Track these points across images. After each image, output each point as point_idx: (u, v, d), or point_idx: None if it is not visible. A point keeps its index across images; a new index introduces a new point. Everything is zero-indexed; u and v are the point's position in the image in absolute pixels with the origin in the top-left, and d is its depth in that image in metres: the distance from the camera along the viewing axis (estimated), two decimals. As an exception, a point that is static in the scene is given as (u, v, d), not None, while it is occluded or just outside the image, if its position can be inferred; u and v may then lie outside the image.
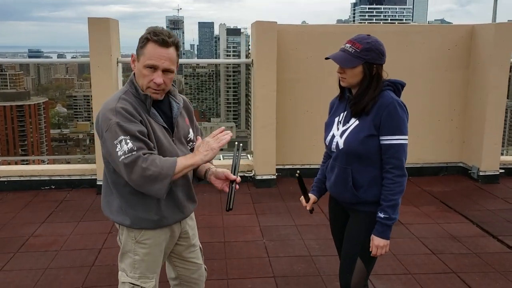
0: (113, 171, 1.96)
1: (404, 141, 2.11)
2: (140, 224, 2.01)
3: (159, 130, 1.96)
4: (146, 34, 1.90)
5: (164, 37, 1.88)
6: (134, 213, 1.99)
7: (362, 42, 2.09)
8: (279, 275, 3.41)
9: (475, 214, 4.60)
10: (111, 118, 1.84)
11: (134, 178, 1.81)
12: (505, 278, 3.38)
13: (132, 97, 1.94)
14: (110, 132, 1.83)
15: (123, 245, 2.07)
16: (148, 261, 2.06)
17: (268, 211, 4.71)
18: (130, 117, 1.86)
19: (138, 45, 1.94)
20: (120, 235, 2.10)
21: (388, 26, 6.54)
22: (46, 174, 5.35)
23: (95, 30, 4.98)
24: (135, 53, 1.96)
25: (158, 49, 1.88)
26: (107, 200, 2.05)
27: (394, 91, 2.19)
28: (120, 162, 1.81)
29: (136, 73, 1.96)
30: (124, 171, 1.83)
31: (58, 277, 3.37)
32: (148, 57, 1.89)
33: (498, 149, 5.60)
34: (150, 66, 1.89)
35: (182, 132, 2.09)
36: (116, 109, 1.86)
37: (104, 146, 1.89)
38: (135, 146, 1.81)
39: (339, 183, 2.24)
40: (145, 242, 2.04)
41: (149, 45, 1.89)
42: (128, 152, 1.80)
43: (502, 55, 5.40)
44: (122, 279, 2.08)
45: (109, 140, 1.83)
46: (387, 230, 2.14)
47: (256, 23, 5.34)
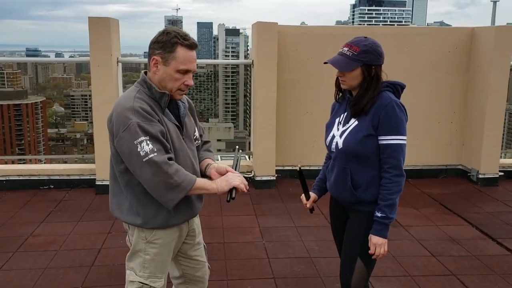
0: (124, 171, 1.95)
1: (402, 141, 2.12)
2: (152, 223, 2.00)
3: (172, 128, 1.98)
4: (173, 38, 1.89)
5: (192, 40, 1.93)
6: (146, 213, 1.98)
7: (359, 44, 2.11)
8: (278, 276, 3.41)
9: (474, 217, 4.60)
10: (131, 117, 1.83)
11: (154, 180, 1.83)
12: (504, 280, 3.39)
13: (146, 96, 1.94)
14: (129, 132, 1.82)
15: (133, 245, 2.07)
16: (158, 261, 2.07)
17: (267, 212, 4.70)
18: (149, 117, 1.87)
19: (162, 48, 1.91)
20: (130, 235, 2.09)
21: (388, 28, 6.56)
22: (45, 173, 5.34)
23: (95, 30, 4.97)
24: (157, 56, 1.92)
25: (189, 52, 1.92)
26: (117, 201, 2.04)
27: (394, 92, 2.21)
28: (144, 162, 1.81)
29: (162, 77, 1.94)
30: (146, 171, 1.83)
31: (57, 276, 3.36)
32: (181, 61, 1.90)
33: (497, 151, 5.61)
34: (185, 70, 1.92)
35: (190, 130, 2.12)
36: (135, 109, 1.86)
37: (119, 145, 1.88)
38: (155, 147, 1.83)
39: (339, 183, 2.26)
40: (156, 242, 2.04)
41: (179, 49, 1.90)
42: (151, 153, 1.81)
43: (502, 58, 5.41)
44: (131, 278, 2.07)
45: (128, 139, 1.83)
46: (384, 229, 2.15)
47: (256, 23, 5.34)
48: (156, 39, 1.93)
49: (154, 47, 1.93)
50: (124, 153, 1.88)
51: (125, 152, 1.87)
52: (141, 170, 1.85)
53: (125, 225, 2.11)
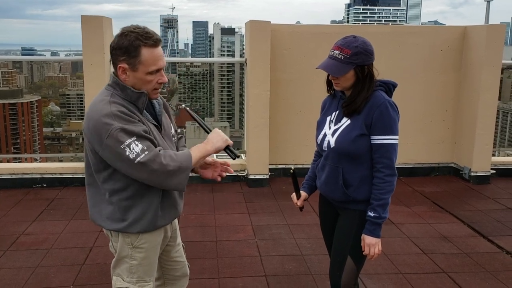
0: (107, 178, 1.91)
1: (394, 141, 2.12)
2: (138, 227, 1.96)
3: (153, 128, 1.94)
4: (135, 40, 1.80)
5: (155, 37, 1.83)
6: (131, 217, 1.94)
7: (350, 46, 2.08)
8: (270, 274, 3.42)
9: (466, 215, 4.63)
10: (112, 123, 1.77)
11: (154, 175, 1.81)
12: (495, 277, 3.41)
13: (120, 99, 1.87)
14: (114, 138, 1.77)
15: (118, 252, 2.03)
16: (145, 265, 2.04)
17: (260, 211, 4.71)
18: (130, 118, 1.82)
19: (125, 54, 1.82)
20: (113, 242, 2.04)
21: (381, 27, 6.59)
22: (38, 172, 5.32)
23: (88, 28, 4.97)
24: (123, 63, 1.83)
25: (155, 51, 1.84)
26: (99, 210, 1.99)
27: (386, 91, 2.20)
28: (137, 164, 1.77)
29: (134, 82, 1.87)
30: (142, 171, 1.80)
31: (49, 275, 3.35)
32: (150, 63, 1.83)
33: (489, 150, 5.64)
34: (156, 71, 1.86)
35: (167, 128, 2.09)
36: (114, 113, 1.79)
37: (106, 154, 1.82)
38: (145, 145, 1.79)
39: (330, 182, 2.25)
40: (142, 246, 2.01)
41: (144, 51, 1.81)
42: (142, 152, 1.77)
43: (493, 56, 5.44)
44: (118, 285, 2.04)
45: (114, 146, 1.77)
46: (377, 229, 2.15)
47: (250, 22, 5.34)
48: (117, 44, 1.82)
49: (117, 54, 1.83)
50: (113, 161, 1.83)
51: (114, 159, 1.82)
52: (137, 172, 1.81)
53: (106, 232, 2.05)
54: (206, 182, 5.39)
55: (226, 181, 5.53)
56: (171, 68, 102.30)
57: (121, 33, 1.83)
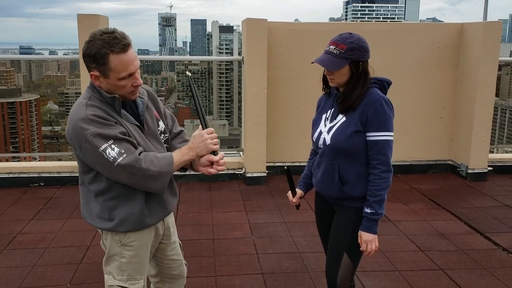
0: (92, 179, 1.92)
1: (390, 137, 2.13)
2: (125, 226, 1.96)
3: (133, 129, 1.92)
4: (101, 49, 1.75)
5: (122, 42, 1.78)
6: (118, 217, 1.94)
7: (345, 42, 2.10)
8: (267, 272, 3.43)
9: (463, 212, 4.64)
10: (87, 128, 1.76)
11: (133, 179, 1.82)
12: (491, 274, 3.42)
13: (98, 101, 1.85)
14: (90, 143, 1.76)
15: (108, 249, 2.04)
16: (135, 263, 2.04)
17: (257, 209, 4.72)
18: (106, 122, 1.80)
19: (95, 62, 1.78)
20: (103, 239, 2.06)
21: (378, 25, 6.58)
22: (35, 171, 5.32)
23: (84, 27, 4.96)
24: (94, 71, 1.81)
25: (123, 57, 1.79)
26: (88, 208, 2.01)
27: (381, 88, 2.21)
28: (116, 166, 1.77)
29: (108, 87, 1.84)
30: (121, 173, 1.80)
31: (46, 274, 3.36)
32: (120, 69, 1.79)
33: (486, 147, 5.64)
34: (127, 76, 1.82)
35: (153, 127, 2.04)
36: (89, 118, 1.78)
37: (85, 158, 1.83)
38: (122, 148, 1.79)
39: (326, 179, 2.26)
40: (131, 244, 2.01)
41: (112, 58, 1.76)
42: (119, 156, 1.77)
43: (490, 53, 5.44)
44: (110, 283, 2.05)
45: (92, 150, 1.77)
46: (374, 225, 2.16)
47: (246, 20, 5.34)
48: (85, 52, 1.79)
49: (88, 61, 1.80)
50: (93, 164, 1.84)
51: (93, 163, 1.83)
52: (117, 175, 1.82)
53: (98, 230, 2.08)
54: (204, 181, 5.39)
55: (224, 179, 5.54)
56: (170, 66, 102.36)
57: (89, 40, 1.79)
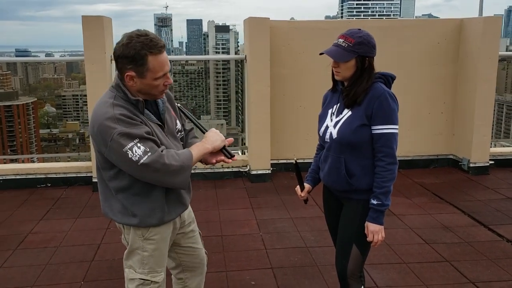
0: (114, 177, 1.99)
1: (395, 130, 2.19)
2: (147, 222, 2.04)
3: (156, 128, 2.00)
4: (141, 50, 1.84)
5: (159, 44, 1.88)
6: (140, 213, 2.02)
7: (354, 36, 2.18)
8: (276, 266, 3.48)
9: (466, 205, 4.69)
10: (115, 127, 1.84)
11: (157, 175, 1.89)
12: (496, 265, 3.48)
13: (123, 101, 1.93)
14: (117, 142, 1.83)
15: (130, 244, 2.10)
16: (156, 256, 2.11)
17: (263, 205, 4.77)
18: (132, 121, 1.88)
19: (132, 63, 1.86)
20: (125, 234, 2.12)
21: (378, 21, 6.64)
22: (42, 172, 5.36)
23: (89, 28, 5.00)
24: (130, 72, 1.87)
25: (159, 58, 1.89)
26: (109, 204, 2.07)
27: (385, 83, 2.27)
28: (140, 165, 1.84)
29: (141, 87, 1.93)
30: (146, 172, 1.87)
31: (59, 272, 3.41)
32: (157, 70, 1.89)
33: (487, 140, 5.70)
34: (163, 75, 1.92)
35: (171, 125, 2.14)
36: (116, 117, 1.85)
37: (110, 156, 1.89)
38: (147, 147, 1.86)
39: (333, 172, 2.32)
40: (153, 238, 2.08)
41: (150, 59, 1.86)
42: (144, 154, 1.84)
43: (490, 48, 5.50)
44: (131, 276, 2.11)
45: (118, 148, 1.84)
46: (380, 216, 2.22)
47: (249, 19, 5.39)
48: (123, 53, 1.86)
49: (124, 62, 1.87)
50: (117, 162, 1.90)
51: (118, 161, 1.89)
52: (140, 174, 1.89)
53: (118, 225, 2.13)
54: (209, 179, 5.44)
55: (229, 177, 5.59)
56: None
57: (127, 42, 1.85)
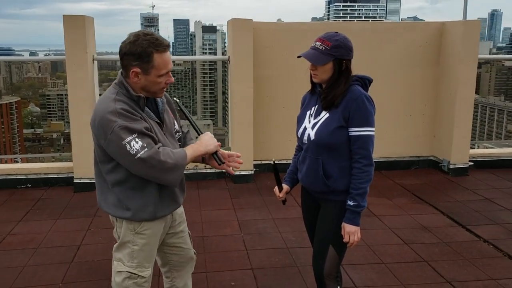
0: (111, 170, 2.05)
1: (371, 132, 2.22)
2: (139, 216, 2.10)
3: (154, 126, 2.08)
4: (147, 48, 1.94)
5: (164, 43, 1.99)
6: (133, 207, 2.08)
7: (331, 39, 2.20)
8: (257, 267, 3.50)
9: (445, 206, 4.76)
10: (115, 120, 1.91)
11: (152, 170, 1.96)
12: (472, 265, 3.54)
13: (124, 98, 2.01)
14: (116, 134, 1.91)
15: (122, 237, 2.15)
16: (145, 251, 2.17)
17: (246, 206, 4.78)
18: (133, 116, 1.96)
19: (138, 60, 1.96)
20: (117, 228, 2.18)
21: (361, 24, 6.71)
22: (22, 173, 5.31)
23: (70, 28, 4.96)
24: (136, 68, 1.97)
25: (164, 56, 2.00)
26: (105, 197, 2.13)
27: (362, 86, 2.31)
28: (137, 159, 1.91)
29: (145, 84, 2.02)
30: (141, 166, 1.94)
31: (37, 274, 3.38)
32: (161, 67, 1.99)
33: (467, 142, 5.79)
34: (165, 74, 2.02)
35: (170, 125, 2.21)
36: (117, 111, 1.93)
37: (108, 148, 1.96)
38: (144, 143, 1.93)
39: (311, 173, 2.34)
40: (144, 233, 2.14)
41: (156, 56, 1.97)
42: (141, 149, 1.91)
43: (470, 51, 5.58)
44: (119, 268, 2.16)
45: (117, 141, 1.91)
46: (357, 217, 2.25)
47: (232, 20, 5.40)
48: (129, 51, 1.96)
49: (130, 59, 1.97)
50: (115, 155, 1.97)
51: (116, 154, 1.96)
52: (136, 168, 1.96)
53: (111, 218, 2.20)
54: (192, 179, 5.44)
55: (212, 178, 5.59)
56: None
57: (134, 40, 1.96)
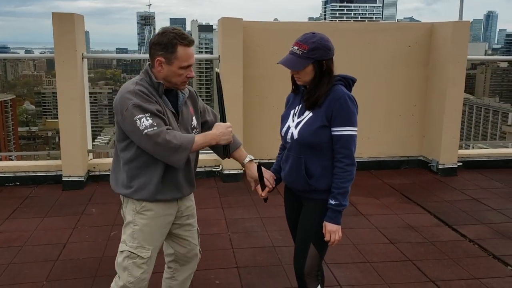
0: (124, 148, 2.22)
1: (354, 132, 2.23)
2: (139, 194, 2.23)
3: (169, 114, 2.23)
4: (173, 39, 2.13)
5: (189, 38, 2.18)
6: (135, 185, 2.23)
7: (307, 42, 2.21)
8: (242, 266, 3.51)
9: (432, 205, 4.79)
10: (131, 98, 2.11)
11: (157, 148, 2.09)
12: (457, 264, 3.56)
13: (146, 84, 2.20)
14: (130, 111, 2.09)
15: (126, 217, 2.31)
16: (145, 232, 2.28)
17: (234, 205, 4.79)
18: (147, 97, 2.14)
19: (163, 50, 2.14)
20: (123, 208, 2.34)
21: (351, 24, 6.72)
22: (11, 170, 5.30)
23: (59, 25, 4.95)
24: (160, 57, 2.15)
25: (187, 50, 2.18)
26: (115, 176, 2.32)
27: (346, 85, 2.32)
28: (144, 135, 2.07)
29: (167, 74, 2.19)
30: (147, 142, 2.09)
31: (21, 272, 3.38)
32: (183, 59, 2.17)
33: (456, 142, 5.82)
34: (187, 66, 2.19)
35: (187, 119, 2.35)
36: (135, 91, 2.13)
37: (124, 124, 2.14)
38: (154, 122, 2.09)
39: (293, 172, 2.35)
40: (145, 213, 2.27)
41: (179, 48, 2.15)
42: (150, 127, 2.07)
43: (459, 52, 5.61)
44: (121, 248, 2.30)
45: (130, 117, 2.09)
46: (338, 216, 2.25)
47: (222, 19, 5.40)
48: (157, 41, 2.16)
49: (156, 49, 2.17)
50: (128, 131, 2.15)
51: (128, 130, 2.14)
52: (144, 143, 2.11)
53: (121, 198, 2.35)
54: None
55: (201, 177, 5.59)
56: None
57: (162, 32, 2.18)
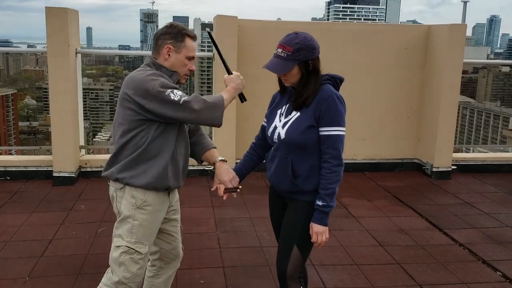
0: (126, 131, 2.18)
1: (341, 132, 2.20)
2: (136, 182, 2.21)
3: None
4: (182, 30, 2.27)
5: (193, 32, 2.32)
6: (133, 172, 2.21)
7: (291, 44, 2.18)
8: (228, 266, 3.47)
9: (425, 208, 4.75)
10: (156, 78, 2.14)
11: (200, 111, 2.13)
12: (445, 268, 3.52)
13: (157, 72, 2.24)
14: (158, 90, 2.10)
15: (123, 212, 2.25)
16: (145, 227, 2.26)
17: (225, 204, 4.72)
18: (169, 80, 2.23)
19: (173, 38, 2.26)
20: (117, 203, 2.28)
21: (348, 25, 6.69)
22: (1, 165, 5.26)
23: (52, 20, 4.91)
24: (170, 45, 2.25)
25: (193, 43, 2.32)
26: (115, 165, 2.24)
27: (333, 85, 2.28)
28: (183, 102, 2.09)
29: (173, 63, 2.28)
30: (187, 109, 2.11)
31: (4, 267, 3.34)
32: (190, 50, 2.29)
33: (450, 146, 5.78)
34: (191, 57, 2.31)
35: None
36: (158, 74, 2.19)
37: (153, 104, 2.11)
38: (183, 93, 2.15)
39: (279, 172, 2.32)
40: (145, 208, 2.25)
41: (187, 39, 2.29)
42: (182, 96, 2.12)
43: (455, 55, 5.57)
44: (117, 243, 2.25)
45: (160, 94, 2.09)
46: (325, 217, 2.21)
47: (217, 17, 5.37)
48: (166, 31, 2.27)
49: (165, 38, 2.26)
50: (160, 108, 2.11)
51: (160, 106, 2.11)
52: (183, 111, 2.11)
53: (111, 193, 2.30)
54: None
55: (193, 175, 5.55)
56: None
57: (170, 25, 2.30)
